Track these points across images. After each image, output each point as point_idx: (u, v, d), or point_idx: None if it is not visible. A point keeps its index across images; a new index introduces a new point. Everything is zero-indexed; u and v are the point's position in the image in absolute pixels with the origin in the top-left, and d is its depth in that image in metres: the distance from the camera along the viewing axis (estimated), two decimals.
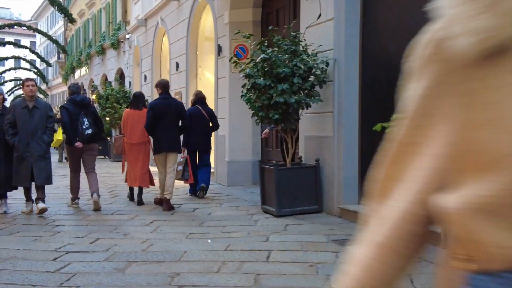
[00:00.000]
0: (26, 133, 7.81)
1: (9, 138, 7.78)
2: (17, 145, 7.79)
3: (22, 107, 7.94)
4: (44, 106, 8.17)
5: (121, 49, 22.84)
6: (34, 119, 7.90)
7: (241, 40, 10.96)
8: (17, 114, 7.88)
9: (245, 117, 11.07)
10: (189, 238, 6.31)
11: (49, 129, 8.08)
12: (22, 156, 7.81)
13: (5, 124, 7.79)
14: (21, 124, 7.83)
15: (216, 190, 10.74)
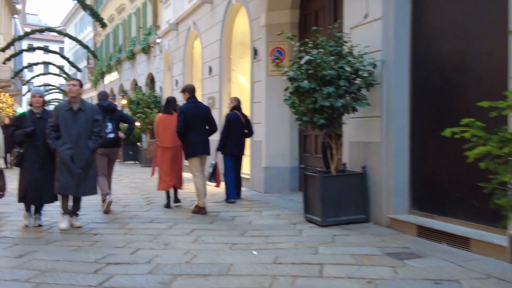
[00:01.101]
0: (69, 138, 7.08)
1: (51, 142, 7.09)
2: (59, 150, 7.06)
3: (66, 109, 7.22)
4: (90, 109, 7.38)
5: (152, 54, 22.74)
6: (78, 123, 7.16)
7: (278, 43, 10.69)
8: (60, 117, 7.16)
9: (282, 121, 10.80)
10: (233, 249, 6.00)
11: (94, 134, 7.28)
12: (64, 163, 7.04)
13: (47, 128, 7.15)
14: (65, 128, 7.11)
15: (253, 197, 10.44)
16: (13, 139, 7.36)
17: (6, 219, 8.00)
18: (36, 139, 7.27)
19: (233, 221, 7.87)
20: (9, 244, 6.19)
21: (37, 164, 7.24)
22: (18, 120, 7.53)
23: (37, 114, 7.42)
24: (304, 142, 10.77)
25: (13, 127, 7.47)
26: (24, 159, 7.27)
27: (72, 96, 7.27)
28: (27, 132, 7.21)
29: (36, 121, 7.33)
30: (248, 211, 8.74)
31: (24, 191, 7.25)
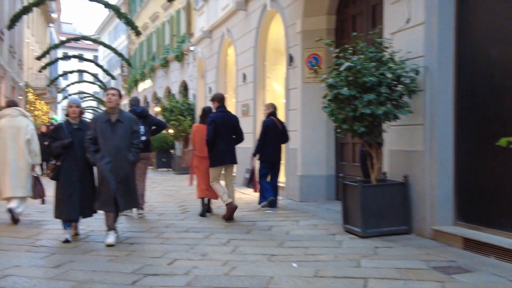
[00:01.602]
0: (108, 151, 6.73)
1: (90, 156, 6.78)
2: (99, 164, 6.76)
3: (103, 120, 6.85)
4: (128, 120, 6.99)
5: (185, 62, 22.81)
6: (117, 135, 6.79)
7: (315, 49, 10.54)
8: (98, 129, 6.80)
9: (318, 129, 10.62)
10: (272, 260, 5.84)
11: (134, 146, 6.92)
12: (104, 176, 6.68)
13: (86, 140, 6.82)
14: (103, 140, 6.76)
15: (288, 206, 10.26)
16: (50, 151, 7.09)
17: (43, 227, 7.99)
18: (74, 151, 6.95)
19: (270, 231, 7.71)
20: (46, 254, 6.14)
21: (75, 177, 6.90)
22: (55, 131, 7.17)
23: (74, 124, 7.10)
24: (341, 150, 10.56)
25: (50, 139, 7.12)
26: (61, 172, 6.90)
27: (111, 107, 6.91)
28: (65, 144, 6.90)
29: (73, 132, 7.02)
30: (284, 221, 8.57)
31: (61, 207, 6.88)
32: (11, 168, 8.22)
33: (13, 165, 8.23)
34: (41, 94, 38.70)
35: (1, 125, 8.34)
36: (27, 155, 8.34)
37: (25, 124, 8.45)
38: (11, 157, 8.24)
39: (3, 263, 5.60)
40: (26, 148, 8.33)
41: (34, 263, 5.65)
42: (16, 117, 8.43)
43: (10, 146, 8.25)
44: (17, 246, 6.52)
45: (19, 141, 8.29)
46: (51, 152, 7.02)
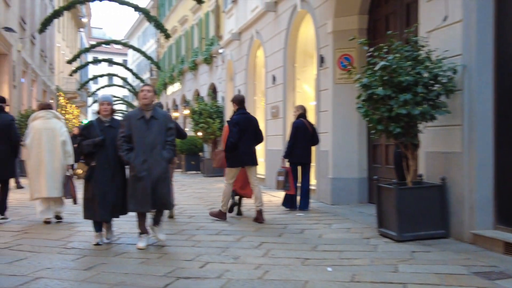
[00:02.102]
0: (143, 149, 6.47)
1: (124, 155, 6.50)
2: (133, 163, 6.50)
3: (137, 118, 6.57)
4: (163, 117, 6.73)
5: (214, 64, 22.81)
6: (152, 132, 6.52)
7: (346, 50, 10.37)
8: (132, 127, 6.53)
9: (350, 131, 10.45)
10: (305, 264, 5.70)
11: (169, 143, 6.66)
12: (138, 176, 6.43)
13: (119, 138, 6.55)
14: (137, 138, 6.49)
15: (320, 209, 10.10)
16: (80, 150, 6.81)
17: (74, 229, 7.98)
18: (106, 149, 6.72)
19: (302, 234, 7.57)
20: (77, 256, 6.10)
21: (107, 177, 6.67)
22: (85, 129, 6.91)
23: (106, 122, 6.84)
24: (374, 152, 10.35)
25: (81, 137, 6.85)
26: (93, 172, 6.69)
27: (146, 104, 6.61)
28: (96, 142, 6.66)
29: (105, 130, 6.77)
30: (316, 224, 8.42)
31: (93, 208, 6.66)
32: (47, 169, 8.34)
33: (49, 166, 8.36)
34: (71, 98, 39.22)
35: (36, 127, 8.46)
36: (62, 156, 8.47)
37: (59, 126, 8.60)
38: (47, 158, 8.36)
39: (35, 265, 5.57)
40: (62, 150, 8.47)
41: (66, 265, 5.60)
42: (50, 119, 8.57)
43: (46, 148, 8.37)
44: (48, 248, 6.49)
45: (55, 142, 8.44)
46: (82, 150, 6.77)
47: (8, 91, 17.92)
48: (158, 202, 6.56)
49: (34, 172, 8.39)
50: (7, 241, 6.85)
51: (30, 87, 22.89)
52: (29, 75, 22.35)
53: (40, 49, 26.09)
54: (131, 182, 6.56)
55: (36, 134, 8.42)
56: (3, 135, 8.51)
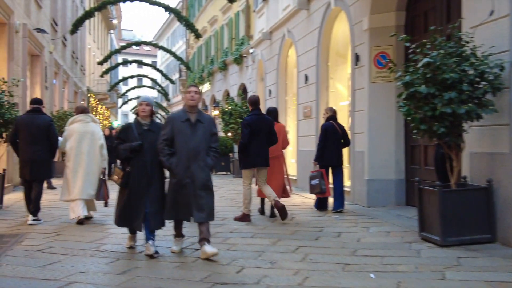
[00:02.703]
0: (186, 154, 6.02)
1: (165, 160, 6.06)
2: (175, 169, 6.05)
3: (182, 120, 6.10)
4: (208, 121, 6.28)
5: (244, 64, 22.65)
6: (197, 136, 6.07)
7: (383, 47, 10.08)
8: (176, 129, 6.07)
9: (386, 131, 10.15)
10: (346, 270, 5.45)
11: (213, 150, 6.23)
12: (181, 183, 6.01)
13: (160, 142, 6.08)
14: (181, 142, 6.03)
15: (356, 211, 9.82)
16: (117, 154, 6.38)
17: (106, 231, 7.85)
18: (144, 155, 6.20)
19: (339, 237, 7.32)
20: (111, 259, 5.95)
21: (143, 184, 6.17)
22: (123, 132, 6.39)
23: (145, 125, 6.33)
24: (411, 153, 10.02)
25: (118, 140, 6.39)
26: (129, 178, 6.23)
27: (192, 106, 6.16)
28: (134, 147, 6.16)
29: (143, 133, 6.25)
30: (353, 227, 8.16)
31: (125, 215, 6.25)
32: (84, 172, 8.54)
33: (87, 168, 8.57)
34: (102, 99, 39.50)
35: (75, 130, 8.67)
36: (99, 160, 8.72)
37: (97, 130, 8.87)
38: (86, 161, 8.57)
39: (69, 269, 5.44)
40: (100, 153, 8.71)
41: (100, 269, 5.46)
42: (89, 123, 8.81)
43: (86, 151, 8.60)
44: (82, 250, 6.36)
45: (94, 146, 8.69)
46: (119, 155, 6.33)
47: (40, 92, 18.01)
48: (200, 213, 6.02)
49: (72, 173, 8.52)
50: (39, 243, 6.75)
51: (61, 88, 23.05)
52: (60, 76, 22.49)
53: (72, 50, 26.27)
54: (172, 189, 6.11)
55: (75, 137, 8.61)
56: (42, 136, 8.59)
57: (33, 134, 8.53)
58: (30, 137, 8.53)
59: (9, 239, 6.91)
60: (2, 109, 9.56)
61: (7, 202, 10.71)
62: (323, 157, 9.68)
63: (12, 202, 10.98)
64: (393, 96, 10.00)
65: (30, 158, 8.51)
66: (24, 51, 15.17)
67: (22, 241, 6.85)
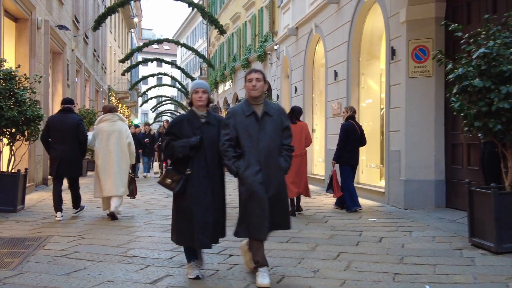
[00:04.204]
0: (256, 156, 4.90)
1: (230, 164, 4.93)
2: (244, 175, 4.90)
3: (246, 114, 4.98)
4: (277, 112, 5.10)
5: (268, 61, 22.17)
6: (266, 133, 4.94)
7: (421, 41, 9.54)
8: (239, 126, 4.96)
9: (425, 129, 9.61)
10: (398, 281, 4.96)
11: (286, 148, 5.08)
12: (254, 194, 4.83)
13: (223, 143, 4.96)
14: (248, 142, 4.92)
15: (393, 213, 9.30)
16: (169, 153, 5.13)
17: (133, 234, 7.44)
18: (203, 153, 5.03)
19: (381, 243, 6.82)
20: (140, 266, 5.52)
21: (205, 189, 4.99)
22: (175, 126, 5.17)
23: (201, 117, 5.13)
24: (453, 152, 9.45)
25: (168, 136, 5.15)
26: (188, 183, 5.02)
27: (255, 96, 5.03)
28: (193, 143, 4.96)
29: (201, 127, 5.09)
30: (394, 231, 7.65)
31: (187, 230, 4.98)
32: (114, 169, 8.76)
33: (117, 166, 8.79)
34: (123, 98, 39.35)
35: (103, 129, 8.88)
36: (127, 157, 8.97)
37: (124, 128, 9.06)
38: (115, 159, 8.79)
39: (95, 277, 5.01)
40: (128, 151, 8.95)
41: (129, 277, 5.02)
42: (116, 121, 8.99)
43: (114, 149, 8.80)
44: (108, 256, 5.94)
45: (122, 144, 8.90)
46: (172, 154, 5.07)
47: (62, 90, 17.74)
48: (275, 224, 4.96)
49: (102, 171, 8.74)
50: (63, 247, 6.35)
51: (83, 86, 22.80)
52: (82, 74, 22.24)
53: (93, 48, 26.04)
54: (242, 199, 4.93)
55: (104, 136, 8.83)
56: (72, 135, 8.73)
57: (63, 133, 8.69)
58: (61, 136, 8.69)
59: (32, 243, 6.54)
60: (24, 106, 9.24)
61: (29, 202, 10.37)
62: (343, 156, 9.66)
63: (34, 202, 10.66)
64: (432, 91, 9.49)
65: (61, 157, 8.66)
66: (46, 48, 14.88)
67: (45, 245, 6.46)
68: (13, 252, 6.00)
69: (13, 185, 9.16)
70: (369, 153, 12.28)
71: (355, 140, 9.66)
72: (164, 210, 10.10)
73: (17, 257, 5.71)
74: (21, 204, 9.47)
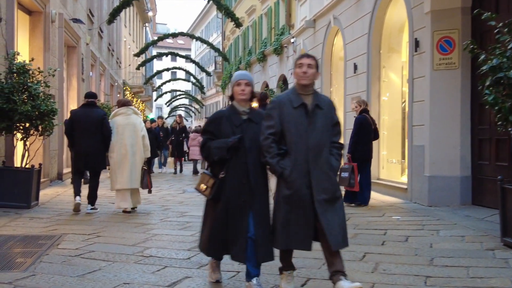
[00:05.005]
0: (304, 154, 4.18)
1: (273, 162, 4.21)
2: (290, 176, 4.18)
3: (295, 105, 4.24)
4: (328, 105, 4.38)
5: (284, 55, 21.85)
6: (316, 129, 4.23)
7: (447, 32, 9.19)
8: (286, 119, 4.23)
9: (450, 123, 9.27)
10: (430, 285, 4.68)
11: (336, 146, 4.38)
12: (298, 196, 4.16)
13: (266, 137, 4.24)
14: (295, 137, 4.20)
15: (417, 211, 8.98)
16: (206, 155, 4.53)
17: (149, 232, 7.20)
18: (244, 155, 4.38)
19: (408, 242, 6.52)
20: (157, 267, 5.26)
21: (244, 195, 4.33)
22: (213, 123, 4.56)
23: (243, 113, 4.49)
24: (479, 147, 9.10)
25: (205, 135, 4.56)
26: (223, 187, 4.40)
27: (305, 84, 4.31)
28: (232, 143, 4.32)
29: (242, 125, 4.44)
30: (420, 229, 7.35)
31: (218, 240, 4.41)
32: (129, 163, 8.80)
33: (131, 159, 8.83)
34: (137, 92, 39.23)
35: (118, 123, 8.91)
36: (142, 150, 8.99)
37: (139, 122, 9.11)
38: (130, 152, 8.83)
39: (111, 278, 4.77)
40: (142, 144, 8.97)
41: (146, 279, 4.77)
42: (130, 115, 9.03)
43: (129, 142, 8.83)
44: (124, 255, 5.70)
45: (137, 137, 8.92)
46: (209, 156, 4.49)
47: (77, 84, 17.59)
48: (334, 237, 4.15)
49: (117, 165, 8.81)
50: (77, 246, 6.12)
51: (98, 80, 22.65)
52: (97, 68, 22.09)
53: (108, 42, 25.88)
54: (284, 205, 4.22)
55: (119, 129, 8.86)
56: (95, 129, 8.78)
57: (87, 128, 8.77)
58: (85, 130, 8.77)
59: (45, 241, 6.31)
60: (38, 101, 9.04)
61: (43, 198, 10.18)
62: (356, 150, 9.55)
63: (48, 198, 10.47)
64: (458, 84, 9.15)
65: (85, 151, 8.77)
66: (60, 41, 14.69)
67: (59, 244, 6.23)
68: (26, 252, 5.79)
69: (27, 181, 8.97)
70: (390, 148, 11.98)
71: (369, 134, 9.63)
72: (180, 206, 9.88)
73: (29, 257, 5.50)
74: (35, 200, 9.28)
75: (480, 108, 8.91)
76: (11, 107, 8.69)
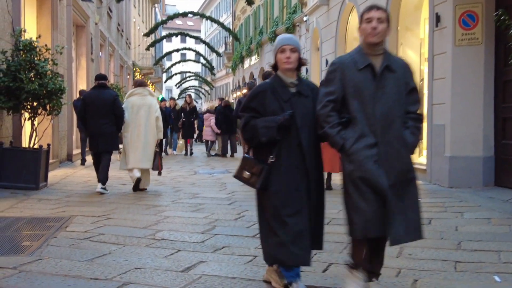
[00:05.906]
0: (371, 125, 3.48)
1: (334, 133, 3.52)
2: (352, 150, 3.49)
3: (360, 66, 3.51)
4: (402, 68, 3.63)
5: (297, 34, 21.43)
6: (386, 95, 3.50)
7: (469, 5, 8.79)
8: (349, 83, 3.53)
9: (473, 101, 8.93)
10: (460, 270, 4.38)
11: (413, 117, 3.63)
12: (366, 177, 3.41)
13: (324, 104, 3.57)
14: (360, 105, 3.50)
15: (438, 192, 8.67)
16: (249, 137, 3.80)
17: (161, 213, 6.94)
18: (295, 134, 3.69)
19: (431, 225, 6.21)
20: (170, 251, 5.00)
21: (298, 184, 3.67)
22: (256, 98, 3.80)
23: (291, 85, 3.78)
24: (503, 126, 8.73)
25: (247, 113, 3.81)
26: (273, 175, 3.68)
27: (374, 43, 3.56)
28: (283, 121, 3.60)
29: (291, 99, 3.73)
30: (443, 212, 7.04)
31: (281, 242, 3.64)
32: (142, 142, 8.86)
33: (144, 140, 8.88)
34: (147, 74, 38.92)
35: (134, 103, 8.98)
36: (155, 131, 9.01)
37: (154, 103, 9.15)
38: (143, 133, 8.88)
39: (121, 263, 4.50)
40: (156, 125, 9.01)
41: (158, 265, 4.49)
42: (146, 96, 9.10)
43: (143, 123, 8.89)
44: (135, 239, 5.44)
45: (151, 118, 8.96)
46: (251, 137, 3.76)
47: (86, 64, 17.32)
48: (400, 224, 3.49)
49: (130, 144, 8.87)
50: (87, 229, 5.87)
51: (107, 61, 22.36)
52: (106, 48, 21.80)
53: (117, 23, 25.55)
54: (352, 185, 3.50)
55: (134, 109, 8.92)
56: (107, 111, 8.75)
57: (99, 109, 8.73)
58: (97, 111, 8.73)
59: (53, 224, 6.07)
60: (45, 79, 8.78)
61: (52, 179, 9.96)
62: None
63: (57, 180, 10.26)
64: (481, 61, 8.77)
65: (98, 132, 8.73)
66: (69, 20, 14.39)
67: (67, 226, 5.98)
68: (33, 235, 5.54)
69: (35, 161, 8.74)
70: None
71: None
72: (192, 188, 9.66)
73: (36, 240, 5.25)
74: (44, 182, 9.07)
75: (504, 85, 8.55)
76: (18, 86, 8.45)
